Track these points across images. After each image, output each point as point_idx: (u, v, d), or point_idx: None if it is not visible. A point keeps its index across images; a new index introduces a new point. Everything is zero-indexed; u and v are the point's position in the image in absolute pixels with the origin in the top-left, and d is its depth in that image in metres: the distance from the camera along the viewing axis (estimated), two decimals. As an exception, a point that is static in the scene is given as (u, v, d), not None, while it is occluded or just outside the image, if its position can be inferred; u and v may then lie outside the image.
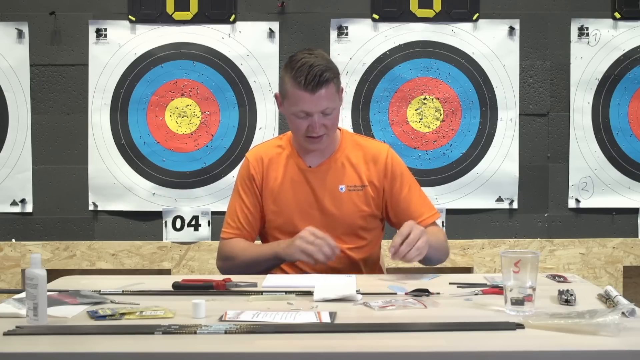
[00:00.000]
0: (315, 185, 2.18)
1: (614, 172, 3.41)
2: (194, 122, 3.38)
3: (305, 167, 2.19)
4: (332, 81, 2.05)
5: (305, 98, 2.03)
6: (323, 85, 2.03)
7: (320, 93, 2.03)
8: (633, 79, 3.39)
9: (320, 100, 2.04)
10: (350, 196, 2.17)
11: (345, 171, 2.19)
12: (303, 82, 2.02)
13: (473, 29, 3.37)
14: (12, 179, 3.37)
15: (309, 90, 2.02)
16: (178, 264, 3.36)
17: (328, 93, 2.05)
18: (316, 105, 2.04)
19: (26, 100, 3.36)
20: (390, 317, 1.55)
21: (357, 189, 2.18)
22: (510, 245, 3.36)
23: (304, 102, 2.04)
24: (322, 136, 2.10)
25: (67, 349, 1.35)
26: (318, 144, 2.13)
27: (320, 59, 2.06)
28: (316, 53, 2.09)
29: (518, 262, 1.53)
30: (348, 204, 2.17)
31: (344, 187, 2.17)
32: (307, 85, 2.02)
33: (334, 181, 2.18)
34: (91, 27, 3.34)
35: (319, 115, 2.06)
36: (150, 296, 1.76)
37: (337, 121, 2.14)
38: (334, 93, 2.08)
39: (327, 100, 2.05)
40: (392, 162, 2.20)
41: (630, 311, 1.50)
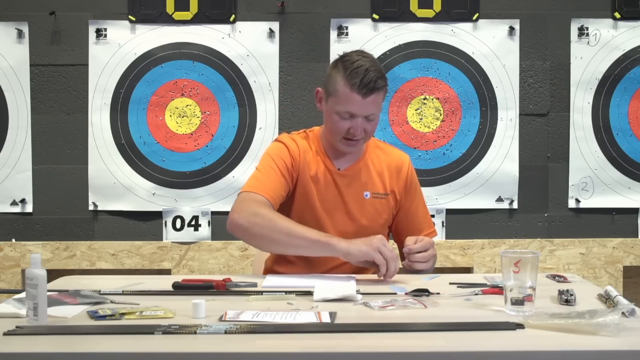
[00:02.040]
0: (342, 189, 2.17)
1: (614, 172, 3.41)
2: (194, 122, 3.38)
3: (334, 169, 2.18)
4: (383, 89, 2.07)
5: (355, 100, 2.03)
6: (375, 91, 2.04)
7: (371, 98, 2.04)
8: (633, 79, 3.39)
9: (369, 105, 2.05)
10: (374, 203, 2.18)
11: (370, 177, 2.19)
12: (358, 84, 2.02)
13: (473, 29, 3.37)
14: (12, 179, 3.37)
15: (362, 93, 2.02)
16: (178, 264, 3.36)
17: (377, 99, 2.07)
18: (364, 109, 2.05)
19: (26, 100, 3.36)
20: (390, 317, 1.55)
21: (380, 197, 2.19)
22: (510, 245, 3.36)
23: (352, 104, 2.04)
24: (359, 140, 2.11)
25: (67, 349, 1.35)
26: (353, 147, 2.13)
27: (376, 64, 2.08)
28: (370, 57, 2.10)
29: (518, 262, 1.53)
30: (371, 211, 2.18)
31: (368, 193, 2.18)
32: (361, 89, 2.02)
33: (359, 186, 2.18)
34: (91, 27, 3.34)
35: (363, 120, 2.07)
36: (150, 296, 1.76)
37: (376, 128, 2.14)
38: (381, 100, 2.10)
39: (375, 106, 2.07)
40: (412, 174, 2.25)
41: (630, 311, 1.50)
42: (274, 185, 2.06)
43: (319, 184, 2.16)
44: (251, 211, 1.97)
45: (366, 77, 2.01)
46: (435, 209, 3.38)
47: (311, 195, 2.15)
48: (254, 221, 1.96)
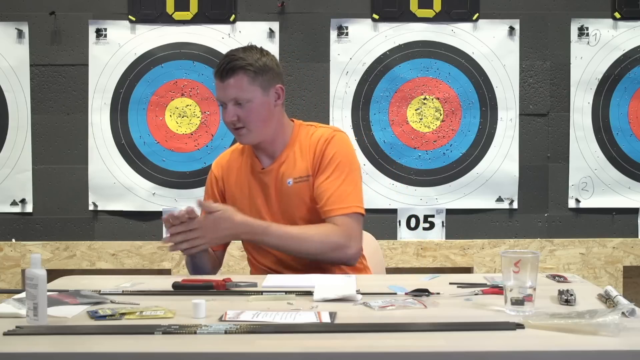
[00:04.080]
0: (267, 185, 2.15)
1: (614, 172, 3.41)
2: (194, 122, 3.38)
3: (259, 168, 2.17)
4: (241, 71, 2.05)
5: (218, 86, 2.10)
6: (230, 73, 2.05)
7: (229, 81, 2.06)
8: (633, 79, 3.39)
9: (229, 89, 2.06)
10: (297, 189, 2.13)
11: (295, 164, 2.14)
12: (216, 70, 2.09)
13: (473, 29, 3.37)
14: (12, 179, 3.37)
15: (219, 77, 2.08)
16: (178, 264, 3.36)
17: (237, 82, 2.05)
18: (226, 93, 2.07)
19: (26, 100, 3.36)
20: (390, 317, 1.55)
21: (302, 180, 2.12)
22: (510, 245, 3.36)
23: (217, 90, 2.10)
24: (241, 129, 2.09)
25: (67, 349, 1.35)
26: (239, 137, 2.13)
27: (244, 53, 2.08)
28: (247, 48, 2.13)
29: (518, 262, 1.53)
30: (293, 197, 2.13)
31: (291, 180, 2.13)
32: (217, 73, 2.08)
33: (283, 177, 2.14)
34: (91, 27, 3.35)
35: (232, 106, 2.07)
36: (150, 296, 1.76)
37: (257, 116, 2.08)
38: (246, 84, 2.06)
39: (237, 89, 2.05)
40: (328, 145, 2.12)
41: (630, 311, 1.50)
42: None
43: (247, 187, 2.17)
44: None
45: (221, 62, 2.08)
46: (435, 209, 3.38)
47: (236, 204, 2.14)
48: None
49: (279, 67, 2.16)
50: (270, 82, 2.11)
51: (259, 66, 2.08)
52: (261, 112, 2.09)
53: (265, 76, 2.09)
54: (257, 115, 2.08)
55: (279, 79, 2.14)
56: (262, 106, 2.09)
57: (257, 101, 2.08)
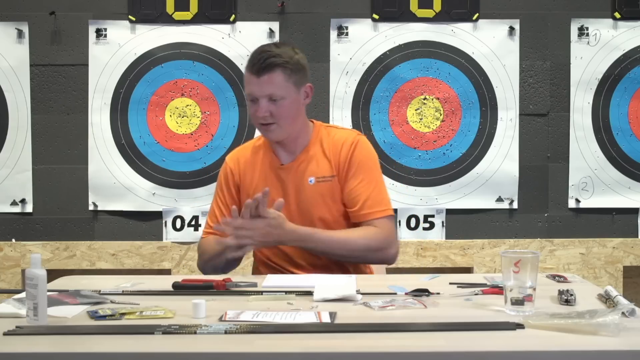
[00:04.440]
0: (285, 182, 2.17)
1: (614, 172, 3.41)
2: (194, 122, 3.38)
3: (277, 164, 2.20)
4: (278, 68, 2.08)
5: (251, 80, 2.09)
6: (267, 69, 2.07)
7: (265, 77, 2.07)
8: (633, 79, 3.39)
9: (263, 84, 2.07)
10: (318, 188, 2.15)
11: (317, 163, 2.17)
12: (251, 65, 2.09)
13: (473, 29, 3.37)
14: (12, 179, 3.37)
15: (255, 72, 2.08)
16: (178, 264, 3.36)
17: (272, 78, 2.08)
18: (261, 89, 2.08)
19: (26, 100, 3.36)
20: (390, 317, 1.55)
21: (326, 180, 2.15)
22: (510, 245, 3.36)
23: (250, 85, 2.10)
24: (271, 125, 2.11)
25: (67, 349, 1.35)
26: (267, 133, 2.14)
27: (278, 50, 2.11)
28: (281, 44, 2.19)
29: (518, 262, 1.53)
30: (314, 196, 2.15)
31: (313, 179, 2.16)
32: (253, 68, 2.08)
33: (304, 175, 2.17)
34: (91, 27, 3.34)
35: (266, 101, 2.08)
36: (150, 296, 1.76)
37: (291, 113, 2.12)
38: (282, 81, 2.09)
39: (273, 86, 2.08)
40: (355, 149, 2.17)
41: (630, 311, 1.50)
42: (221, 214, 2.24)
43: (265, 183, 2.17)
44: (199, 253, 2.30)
45: (257, 57, 2.08)
46: (435, 209, 3.38)
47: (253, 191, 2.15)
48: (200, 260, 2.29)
49: (308, 66, 2.20)
50: (302, 80, 2.15)
51: (294, 63, 2.11)
52: (292, 110, 2.12)
53: (299, 74, 2.13)
54: (289, 112, 2.12)
55: (308, 77, 2.19)
56: (293, 104, 2.12)
57: (290, 99, 2.11)
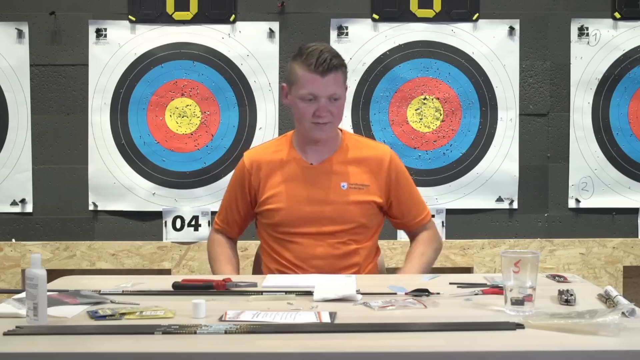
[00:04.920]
0: (316, 182, 2.19)
1: (614, 172, 3.41)
2: (194, 122, 3.38)
3: (306, 164, 2.21)
4: (340, 68, 2.14)
5: (315, 80, 2.10)
6: (332, 69, 2.11)
7: (329, 77, 2.10)
8: (633, 79, 3.39)
9: (329, 84, 2.11)
10: (352, 192, 2.19)
11: (348, 169, 2.21)
12: (314, 64, 2.10)
13: (473, 29, 3.37)
14: (12, 179, 3.37)
15: (319, 72, 2.10)
16: (178, 264, 3.36)
17: (337, 79, 2.13)
18: (326, 88, 2.11)
19: (26, 100, 3.36)
20: (390, 317, 1.55)
21: (359, 187, 2.20)
22: (510, 245, 3.36)
23: (313, 85, 2.11)
24: (327, 124, 2.14)
25: (67, 349, 1.35)
26: (322, 132, 2.16)
27: (329, 48, 2.17)
28: (324, 44, 2.21)
29: (518, 262, 1.53)
30: (350, 200, 2.19)
31: (345, 184, 2.20)
32: (317, 68, 2.10)
33: (336, 178, 2.20)
34: (91, 27, 3.34)
35: (327, 100, 2.12)
36: (150, 296, 1.76)
37: (342, 112, 2.19)
38: (342, 81, 2.15)
39: (336, 85, 2.12)
40: (397, 164, 2.26)
41: (630, 311, 1.50)
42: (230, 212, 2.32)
43: (293, 184, 2.20)
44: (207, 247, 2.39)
45: (321, 57, 2.10)
46: (435, 209, 3.38)
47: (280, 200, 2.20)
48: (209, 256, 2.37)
49: None
50: (346, 77, 2.21)
51: (346, 65, 2.19)
52: (343, 108, 2.20)
53: (346, 72, 2.20)
54: (342, 111, 2.19)
55: None
56: (344, 103, 2.19)
57: (344, 98, 2.19)
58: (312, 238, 2.17)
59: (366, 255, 2.23)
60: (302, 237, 2.18)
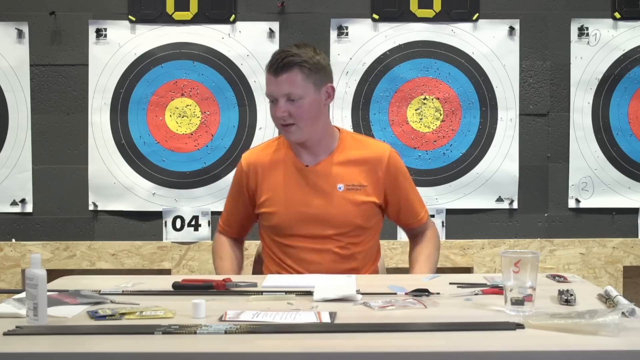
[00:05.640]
0: (312, 184, 2.18)
1: (614, 172, 3.41)
2: (194, 122, 3.38)
3: (302, 165, 2.20)
4: (296, 67, 2.08)
5: (270, 81, 2.11)
6: (285, 69, 2.07)
7: (283, 77, 2.08)
8: (633, 79, 3.39)
9: (282, 84, 2.08)
10: (349, 194, 2.17)
11: (345, 170, 2.19)
12: (269, 65, 2.11)
13: (473, 29, 3.37)
14: (12, 179, 3.37)
15: (272, 72, 2.09)
16: (178, 264, 3.36)
17: (290, 78, 2.08)
18: (279, 88, 2.09)
19: (26, 100, 3.36)
20: (390, 317, 1.55)
21: (356, 188, 2.18)
22: (510, 245, 3.36)
23: (269, 85, 2.12)
24: (291, 126, 2.11)
25: (67, 349, 1.35)
26: (287, 134, 2.15)
27: (298, 50, 2.11)
28: (301, 45, 2.16)
29: (518, 262, 1.53)
30: (346, 202, 2.17)
31: (342, 185, 2.18)
32: (271, 68, 2.10)
33: (332, 180, 2.18)
34: (91, 27, 3.34)
35: (285, 101, 2.09)
36: (150, 296, 1.76)
37: (308, 113, 2.11)
38: (300, 80, 2.09)
39: (290, 85, 2.08)
40: (396, 163, 2.23)
41: (630, 311, 1.50)
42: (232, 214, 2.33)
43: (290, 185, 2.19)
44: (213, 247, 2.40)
45: (275, 57, 2.10)
46: (435, 209, 3.38)
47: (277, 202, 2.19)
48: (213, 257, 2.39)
49: (330, 67, 2.20)
50: (322, 80, 2.14)
51: (313, 63, 2.11)
52: (312, 110, 2.12)
53: (318, 74, 2.13)
54: (308, 113, 2.12)
55: (330, 78, 2.19)
56: (313, 104, 2.12)
57: (309, 98, 2.11)
58: (309, 241, 2.16)
59: (365, 259, 2.22)
60: (299, 240, 2.17)
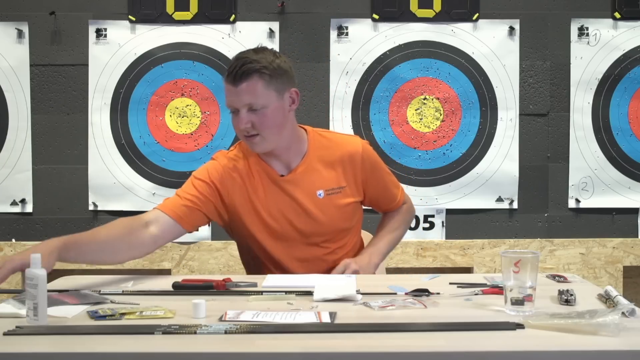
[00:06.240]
0: (292, 195, 2.08)
1: (614, 172, 3.41)
2: (194, 122, 3.38)
3: (277, 176, 2.09)
4: (255, 74, 1.95)
5: (229, 90, 1.98)
6: (243, 77, 1.94)
7: (242, 86, 1.95)
8: (633, 79, 3.39)
9: (242, 94, 1.95)
10: (331, 200, 2.11)
11: (321, 175, 2.11)
12: (227, 75, 1.98)
13: (473, 29, 3.37)
14: (12, 179, 3.37)
15: (231, 81, 1.96)
16: (178, 264, 3.36)
17: (250, 87, 1.95)
18: (239, 99, 1.96)
19: (26, 100, 3.36)
20: (390, 317, 1.55)
21: (335, 192, 2.11)
22: (510, 245, 3.36)
23: (228, 96, 1.99)
24: (255, 137, 2.00)
25: (67, 349, 1.35)
26: (252, 145, 2.02)
27: (256, 55, 1.98)
28: (259, 50, 2.03)
29: (518, 262, 1.53)
30: (330, 209, 2.11)
31: (322, 192, 2.10)
32: (229, 77, 1.97)
33: (311, 188, 2.10)
34: (91, 27, 3.34)
35: (246, 111, 1.97)
36: (150, 296, 1.76)
37: (273, 122, 1.99)
38: (261, 88, 1.96)
39: (250, 95, 1.95)
40: (369, 156, 2.16)
41: (630, 311, 1.50)
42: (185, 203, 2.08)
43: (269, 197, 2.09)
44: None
45: (233, 65, 1.97)
46: (435, 209, 3.38)
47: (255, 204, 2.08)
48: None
49: (292, 70, 2.06)
50: (285, 85, 2.02)
51: (273, 69, 1.98)
52: (276, 118, 2.00)
53: (280, 79, 2.00)
54: (273, 122, 1.99)
55: (293, 82, 2.06)
56: (277, 111, 2.00)
57: (272, 106, 1.98)
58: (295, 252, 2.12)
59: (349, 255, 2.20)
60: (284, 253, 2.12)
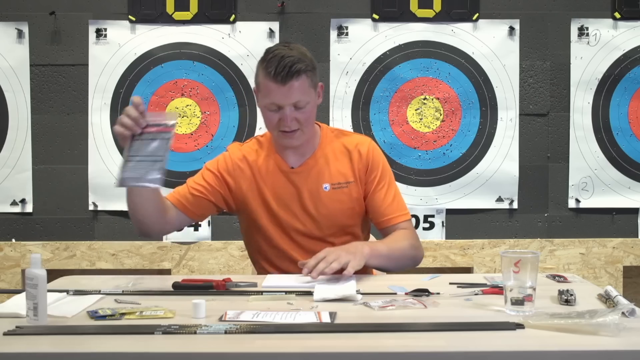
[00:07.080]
0: (299, 186, 2.13)
1: (614, 172, 3.41)
2: (194, 122, 3.38)
3: (287, 168, 2.14)
4: (304, 73, 2.00)
5: (276, 89, 1.98)
6: (294, 76, 1.97)
7: (291, 84, 1.98)
8: (633, 79, 3.39)
9: (291, 92, 1.98)
10: (335, 194, 2.13)
11: (329, 168, 2.14)
12: (273, 72, 1.97)
13: (473, 29, 3.37)
14: (12, 179, 3.37)
15: (279, 81, 1.97)
16: (178, 264, 3.36)
17: (300, 85, 1.99)
18: (287, 97, 1.99)
19: (26, 100, 3.36)
20: (390, 317, 1.55)
21: (341, 186, 2.14)
22: (510, 245, 3.36)
23: (274, 94, 1.99)
24: (296, 131, 2.04)
25: (67, 349, 1.35)
26: (291, 140, 2.07)
27: (295, 52, 2.01)
28: (292, 46, 2.06)
29: (518, 262, 1.53)
30: (333, 203, 2.13)
31: (328, 185, 2.13)
32: (276, 76, 1.97)
33: (317, 180, 2.13)
34: (91, 27, 3.35)
35: (291, 108, 2.00)
36: (150, 296, 1.76)
37: (313, 117, 2.08)
38: (307, 86, 2.02)
39: (299, 92, 2.00)
40: (373, 155, 2.16)
41: (630, 311, 1.50)
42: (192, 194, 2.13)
43: (276, 187, 2.13)
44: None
45: (281, 64, 1.96)
46: (435, 209, 3.38)
47: (263, 202, 2.12)
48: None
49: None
50: (316, 81, 2.09)
51: (313, 66, 2.05)
52: (314, 113, 2.08)
53: (316, 76, 2.07)
54: (312, 117, 2.07)
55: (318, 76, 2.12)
56: (314, 106, 2.07)
57: (312, 102, 2.06)
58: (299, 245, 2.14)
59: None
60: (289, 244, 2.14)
